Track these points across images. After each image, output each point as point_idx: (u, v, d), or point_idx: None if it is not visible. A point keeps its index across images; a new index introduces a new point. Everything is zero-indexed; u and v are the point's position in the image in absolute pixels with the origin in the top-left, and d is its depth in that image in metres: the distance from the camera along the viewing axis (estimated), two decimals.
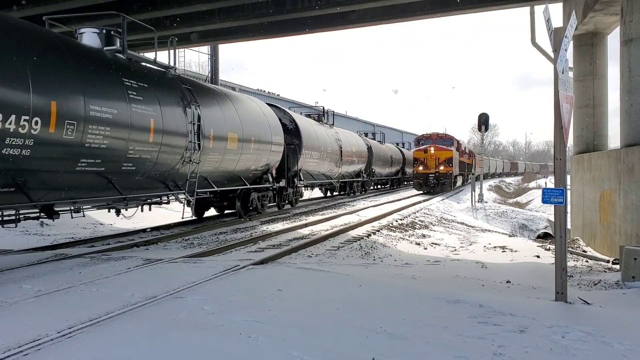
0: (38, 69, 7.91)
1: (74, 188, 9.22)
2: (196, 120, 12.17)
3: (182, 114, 11.74)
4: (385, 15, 16.63)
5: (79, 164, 8.88)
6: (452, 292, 6.51)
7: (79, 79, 8.80)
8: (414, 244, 12.92)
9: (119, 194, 10.18)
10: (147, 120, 10.44)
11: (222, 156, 13.64)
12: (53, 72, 8.29)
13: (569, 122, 6.57)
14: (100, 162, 9.38)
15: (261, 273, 7.48)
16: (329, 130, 24.18)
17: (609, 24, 13.51)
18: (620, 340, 4.67)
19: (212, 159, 13.14)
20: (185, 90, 12.30)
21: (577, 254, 11.63)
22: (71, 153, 8.64)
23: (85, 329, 4.60)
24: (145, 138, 10.40)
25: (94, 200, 10.05)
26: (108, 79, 9.69)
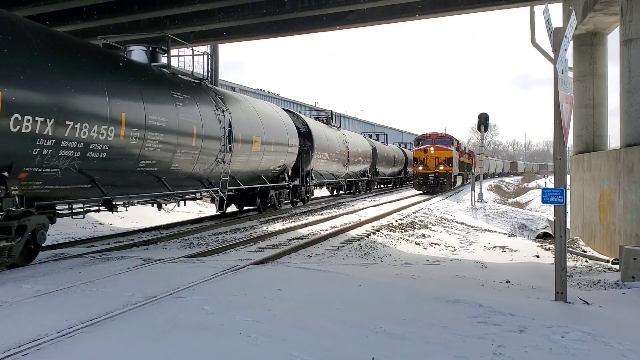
0: (112, 86, 9.64)
1: (132, 185, 10.95)
2: (227, 125, 13.87)
3: (216, 120, 13.38)
4: (385, 15, 16.62)
5: (139, 164, 10.62)
6: (451, 292, 6.51)
7: (140, 93, 10.53)
8: (414, 244, 12.92)
9: (168, 190, 11.92)
10: (191, 127, 12.09)
11: (247, 157, 15.32)
12: (122, 88, 10.02)
13: (569, 122, 6.57)
14: (155, 163, 11.10)
15: (261, 273, 7.48)
16: (337, 132, 25.47)
17: (608, 24, 13.51)
18: (620, 340, 4.68)
19: (240, 160, 14.87)
20: (217, 99, 14.05)
21: (576, 254, 11.63)
22: (134, 155, 10.35)
23: (85, 329, 4.60)
24: (189, 142, 12.07)
25: (144, 196, 11.55)
26: (161, 92, 11.44)
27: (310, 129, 20.86)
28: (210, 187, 13.76)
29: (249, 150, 15.25)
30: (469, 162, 45.35)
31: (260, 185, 17.06)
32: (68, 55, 8.98)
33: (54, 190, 8.82)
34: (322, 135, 22.22)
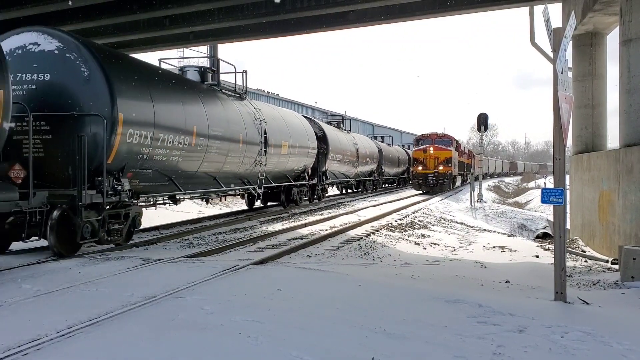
0: (186, 105, 12.15)
1: (194, 183, 13.18)
2: (263, 133, 16.23)
3: (255, 129, 15.81)
4: (384, 15, 16.63)
5: (201, 166, 12.95)
6: (451, 292, 6.51)
7: (204, 108, 12.91)
8: (413, 244, 12.92)
9: (222, 187, 14.40)
10: (238, 135, 14.64)
11: (277, 159, 17.78)
12: (192, 106, 12.45)
13: (568, 122, 6.58)
14: (213, 165, 13.48)
15: (261, 273, 7.48)
16: (347, 135, 27.90)
17: (608, 24, 13.52)
18: (620, 340, 4.68)
19: (272, 161, 17.24)
20: (255, 110, 16.42)
21: (576, 254, 11.64)
22: (200, 159, 12.70)
23: (85, 329, 4.60)
24: (237, 148, 14.54)
25: (199, 192, 14.09)
26: (217, 107, 13.89)
27: (326, 133, 23.05)
28: (249, 184, 16.23)
29: (279, 154, 17.74)
30: (468, 162, 45.37)
31: (286, 184, 19.53)
32: (161, 84, 11.56)
33: (145, 187, 11.26)
34: (335, 139, 24.43)
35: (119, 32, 18.13)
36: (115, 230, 10.11)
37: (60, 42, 9.55)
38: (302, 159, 20.12)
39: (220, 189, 14.46)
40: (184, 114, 11.86)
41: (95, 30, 17.79)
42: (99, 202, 9.41)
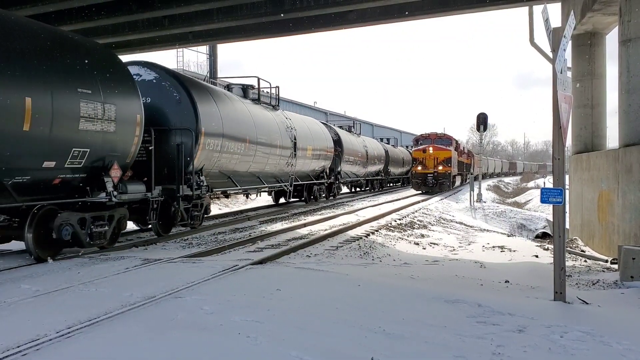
0: (241, 117, 15.15)
1: (244, 181, 15.80)
2: (294, 139, 19.10)
3: (287, 136, 18.57)
4: (384, 15, 16.62)
5: (250, 167, 15.87)
6: (450, 291, 6.51)
7: (253, 120, 15.88)
8: (413, 244, 12.92)
9: (263, 185, 17.27)
10: (276, 141, 17.37)
11: (303, 161, 20.56)
12: (245, 118, 15.46)
13: (568, 122, 6.58)
14: (258, 166, 16.35)
15: (260, 273, 7.48)
16: (357, 139, 30.76)
17: (607, 24, 13.52)
18: (619, 340, 4.68)
19: (299, 163, 20.01)
20: (287, 119, 19.31)
21: (575, 254, 11.64)
22: (249, 161, 15.64)
23: (84, 329, 4.60)
24: (275, 152, 17.37)
25: (249, 188, 16.73)
26: (261, 118, 16.72)
27: (340, 137, 26.00)
28: (281, 182, 18.91)
29: (304, 156, 20.53)
30: (467, 162, 45.38)
31: (309, 182, 22.42)
32: (224, 101, 14.42)
33: (212, 183, 13.64)
34: (349, 142, 27.46)
35: (118, 32, 18.12)
36: (196, 216, 13.05)
37: (156, 73, 12.46)
38: (322, 161, 23.20)
39: (262, 186, 17.34)
40: (240, 125, 14.79)
41: (95, 30, 17.78)
42: (189, 194, 12.27)
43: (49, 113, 8.01)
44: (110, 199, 9.54)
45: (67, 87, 8.46)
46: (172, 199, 11.90)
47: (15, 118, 7.46)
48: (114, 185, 9.62)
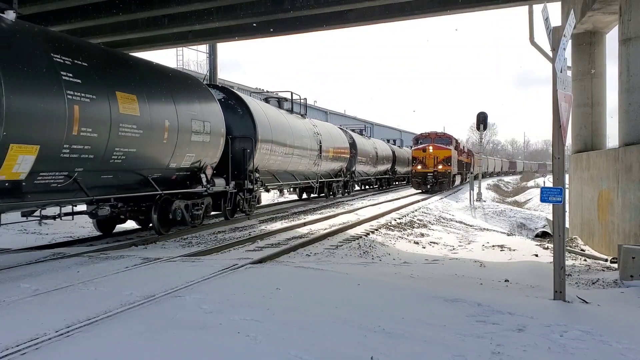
0: (283, 125, 18.46)
1: (283, 178, 19.13)
2: (319, 142, 22.39)
3: (315, 140, 21.83)
4: (383, 14, 16.61)
5: (288, 167, 19.08)
6: (450, 291, 6.51)
7: (291, 129, 19.19)
8: (413, 243, 12.92)
9: (296, 181, 20.93)
10: (307, 145, 20.69)
11: (326, 162, 23.74)
12: (284, 126, 18.53)
13: (568, 121, 6.57)
14: (294, 166, 19.70)
15: (260, 272, 7.48)
16: (368, 141, 34.11)
17: (607, 23, 13.52)
18: (619, 339, 4.68)
19: (323, 163, 23.37)
20: (313, 126, 22.56)
21: (575, 253, 11.64)
22: (288, 162, 18.81)
23: (84, 328, 4.60)
24: (306, 154, 20.62)
25: (287, 184, 20.54)
26: (295, 125, 19.98)
27: (355, 140, 29.06)
28: (309, 180, 22.41)
29: (327, 158, 23.63)
30: (467, 161, 45.39)
31: (329, 179, 25.65)
32: (271, 112, 17.89)
33: (262, 179, 16.70)
34: (362, 144, 30.61)
35: (118, 31, 18.11)
36: (252, 205, 16.39)
37: (225, 93, 15.88)
38: (341, 162, 26.59)
39: (296, 182, 20.94)
40: (283, 132, 18.04)
41: (94, 29, 17.77)
42: (249, 187, 15.65)
43: (176, 130, 11.50)
44: (205, 190, 13.08)
45: (186, 112, 12.05)
46: (239, 191, 15.39)
47: (159, 134, 10.90)
48: (207, 180, 13.09)
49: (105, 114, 9.27)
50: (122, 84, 9.95)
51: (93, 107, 8.92)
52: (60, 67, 8.33)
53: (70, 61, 8.64)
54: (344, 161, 27.05)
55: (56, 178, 8.61)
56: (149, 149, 10.69)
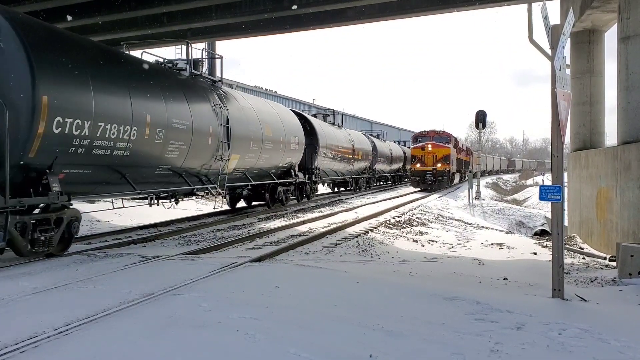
0: (326, 131, 24.83)
1: (334, 175, 26.43)
2: (352, 148, 28.21)
3: (350, 145, 27.42)
4: (382, 12, 16.60)
5: (335, 167, 25.68)
6: (449, 289, 6.52)
7: (335, 136, 25.92)
8: (411, 241, 12.93)
9: (341, 177, 27.53)
10: (346, 149, 26.72)
11: (358, 163, 29.82)
12: (333, 136, 25.39)
13: (566, 120, 6.58)
14: (338, 166, 26.18)
15: (258, 270, 7.48)
16: (384, 144, 39.07)
17: (606, 22, 13.52)
18: (617, 337, 4.69)
19: (355, 163, 29.69)
20: (348, 135, 27.92)
21: (574, 251, 11.65)
22: (336, 163, 25.82)
23: (83, 326, 4.60)
24: (345, 157, 26.72)
25: (335, 179, 27.76)
26: (339, 134, 26.79)
27: (376, 145, 34.43)
28: (344, 176, 28.81)
29: (358, 159, 29.59)
30: (466, 160, 45.40)
31: (358, 176, 31.29)
32: (323, 125, 25.22)
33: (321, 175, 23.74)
34: (380, 148, 35.95)
35: (117, 29, 18.10)
36: (307, 195, 22.14)
37: (299, 117, 21.30)
38: (365, 162, 31.72)
39: (340, 177, 28.41)
40: (333, 140, 24.77)
41: (93, 27, 17.74)
42: (315, 180, 21.93)
43: (286, 143, 18.08)
44: (295, 181, 19.80)
45: (290, 132, 18.73)
46: (310, 182, 21.96)
47: (286, 147, 18.02)
48: (295, 174, 19.71)
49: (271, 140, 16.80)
50: (267, 121, 16.92)
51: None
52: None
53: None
54: (366, 162, 32.42)
55: (244, 173, 15.75)
56: (278, 156, 17.56)
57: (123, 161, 10.06)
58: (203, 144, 12.77)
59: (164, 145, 11.15)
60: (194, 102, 12.61)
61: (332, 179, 30.51)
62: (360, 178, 38.21)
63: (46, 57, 8.12)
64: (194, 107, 12.43)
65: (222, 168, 14.00)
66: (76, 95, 8.59)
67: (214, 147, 13.30)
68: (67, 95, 8.36)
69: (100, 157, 9.38)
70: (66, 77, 8.46)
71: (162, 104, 11.08)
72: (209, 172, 13.68)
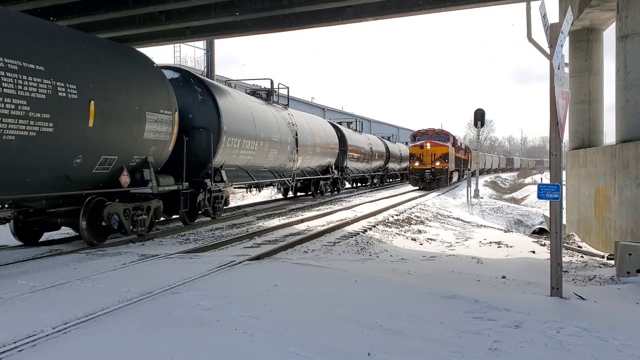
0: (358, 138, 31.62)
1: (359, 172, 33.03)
2: (386, 151, 37.40)
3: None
4: (382, 10, 16.56)
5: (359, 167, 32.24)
6: (447, 287, 6.52)
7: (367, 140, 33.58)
8: (410, 240, 12.94)
9: (366, 174, 34.88)
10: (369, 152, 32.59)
11: (376, 162, 34.60)
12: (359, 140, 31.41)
13: (565, 118, 6.58)
14: (360, 165, 31.69)
15: (257, 269, 7.48)
16: (394, 145, 42.74)
17: (605, 20, 13.52)
18: (615, 335, 4.70)
19: (375, 163, 34.22)
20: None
21: (572, 250, 11.67)
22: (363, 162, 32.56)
23: (81, 325, 4.59)
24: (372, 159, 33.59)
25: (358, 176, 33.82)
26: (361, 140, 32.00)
27: (389, 147, 38.72)
28: (364, 174, 33.45)
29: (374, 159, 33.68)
30: (465, 158, 45.40)
31: (374, 173, 35.83)
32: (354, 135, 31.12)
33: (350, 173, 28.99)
34: (392, 149, 40.32)
35: (115, 27, 18.03)
36: (337, 189, 26.19)
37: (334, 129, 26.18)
38: (382, 161, 35.46)
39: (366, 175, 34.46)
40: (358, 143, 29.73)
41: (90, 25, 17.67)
42: (338, 177, 25.72)
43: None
44: (332, 176, 24.81)
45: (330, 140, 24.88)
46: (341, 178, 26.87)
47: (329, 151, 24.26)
48: (332, 171, 25.10)
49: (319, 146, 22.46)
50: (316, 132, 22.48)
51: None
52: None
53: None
54: (384, 162, 35.63)
55: (302, 171, 20.53)
56: (323, 158, 23.37)
57: (248, 163, 15.86)
58: (285, 151, 18.47)
59: (267, 153, 16.89)
60: (280, 121, 18.44)
61: (355, 176, 35.35)
62: (376, 175, 42.87)
63: (223, 104, 13.86)
64: (280, 125, 18.20)
65: (292, 167, 19.89)
66: (235, 124, 14.35)
67: (289, 152, 19.01)
68: (232, 124, 14.11)
69: (241, 160, 15.23)
70: (231, 115, 14.21)
71: (266, 124, 16.87)
72: (284, 170, 19.45)
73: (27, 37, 8.03)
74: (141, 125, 10.21)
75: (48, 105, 7.89)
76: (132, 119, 9.96)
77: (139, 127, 10.19)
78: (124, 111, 9.74)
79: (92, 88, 8.87)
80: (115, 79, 9.65)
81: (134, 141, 10.18)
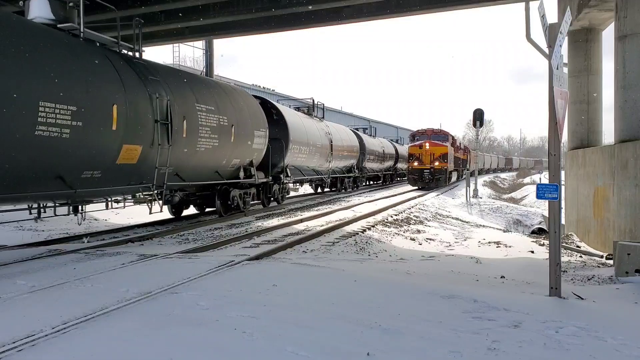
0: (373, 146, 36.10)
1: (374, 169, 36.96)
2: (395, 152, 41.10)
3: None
4: (380, 10, 16.60)
5: (375, 167, 36.52)
6: (446, 287, 6.53)
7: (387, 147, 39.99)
8: (409, 240, 12.94)
9: (378, 172, 38.30)
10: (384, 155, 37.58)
11: (399, 164, 41.56)
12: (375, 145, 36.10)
13: (564, 118, 6.59)
14: (372, 166, 35.31)
15: (256, 268, 7.48)
16: (402, 147, 44.63)
17: (603, 20, 13.54)
18: (614, 335, 4.70)
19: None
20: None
21: (571, 250, 11.68)
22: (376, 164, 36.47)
23: (80, 325, 4.59)
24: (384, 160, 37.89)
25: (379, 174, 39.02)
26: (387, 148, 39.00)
27: (397, 148, 41.67)
28: (376, 173, 36.36)
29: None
30: (464, 158, 45.42)
31: (386, 172, 39.38)
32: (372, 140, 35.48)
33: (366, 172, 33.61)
34: (401, 150, 42.81)
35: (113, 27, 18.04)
36: (356, 186, 31.08)
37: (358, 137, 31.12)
38: (391, 161, 40.25)
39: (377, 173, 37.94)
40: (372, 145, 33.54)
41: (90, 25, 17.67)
42: (358, 175, 30.37)
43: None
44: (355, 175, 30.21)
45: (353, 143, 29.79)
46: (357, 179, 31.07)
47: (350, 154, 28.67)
48: (354, 170, 29.91)
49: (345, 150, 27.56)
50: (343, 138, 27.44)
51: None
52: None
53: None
54: (392, 162, 37.84)
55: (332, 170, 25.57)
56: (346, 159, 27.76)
57: (302, 164, 20.87)
58: (324, 154, 23.48)
59: (313, 156, 21.90)
60: (320, 131, 23.33)
61: (370, 174, 36.37)
62: (387, 174, 42.95)
63: (289, 120, 18.98)
64: (320, 134, 23.10)
65: (328, 167, 24.59)
66: (296, 135, 19.46)
67: (327, 155, 23.92)
68: (295, 135, 19.31)
69: (297, 162, 20.11)
70: (295, 128, 19.44)
71: (312, 134, 21.80)
72: (322, 170, 24.32)
73: (210, 90, 13.81)
74: (251, 139, 15.41)
75: (218, 130, 13.35)
76: (248, 136, 15.17)
77: (251, 140, 15.41)
78: (246, 131, 15.01)
79: (233, 118, 14.22)
80: (243, 111, 15.10)
81: (248, 150, 15.37)
